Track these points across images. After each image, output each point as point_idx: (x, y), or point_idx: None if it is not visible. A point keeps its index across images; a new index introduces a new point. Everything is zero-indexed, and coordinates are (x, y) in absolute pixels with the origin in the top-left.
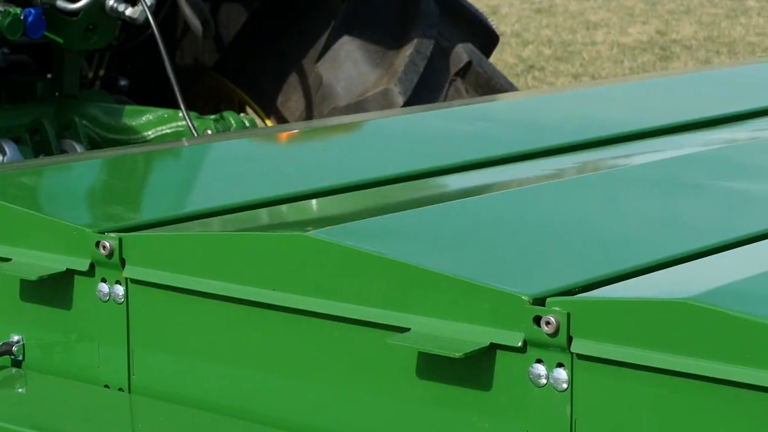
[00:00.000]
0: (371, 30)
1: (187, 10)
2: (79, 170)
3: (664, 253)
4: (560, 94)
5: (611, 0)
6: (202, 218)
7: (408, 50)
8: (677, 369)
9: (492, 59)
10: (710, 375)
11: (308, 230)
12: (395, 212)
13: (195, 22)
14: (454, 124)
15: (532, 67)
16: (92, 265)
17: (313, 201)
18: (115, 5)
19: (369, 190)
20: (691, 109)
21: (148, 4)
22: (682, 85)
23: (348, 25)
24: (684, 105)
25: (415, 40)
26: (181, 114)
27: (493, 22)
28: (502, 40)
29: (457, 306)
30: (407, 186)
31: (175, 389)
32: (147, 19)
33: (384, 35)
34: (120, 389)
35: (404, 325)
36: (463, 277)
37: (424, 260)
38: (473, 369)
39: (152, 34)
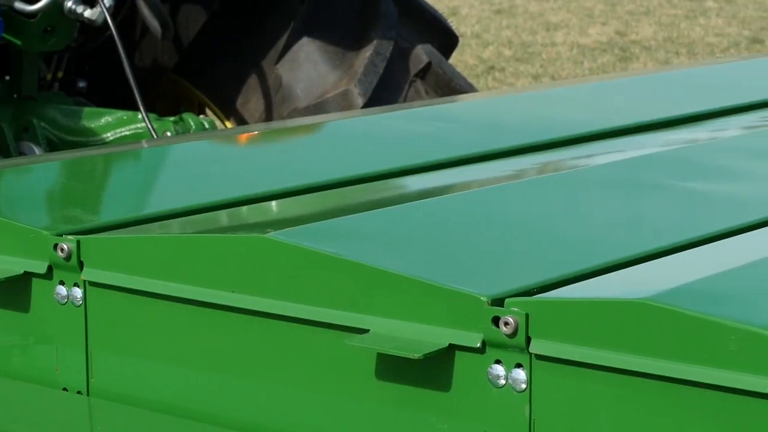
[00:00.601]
0: (331, 31)
1: (146, 12)
2: (38, 172)
3: (624, 253)
4: (520, 94)
5: (571, 1)
6: (161, 220)
7: (367, 51)
8: (635, 369)
9: (452, 60)
10: (668, 375)
11: (267, 232)
12: (354, 213)
13: (154, 24)
14: (414, 125)
15: (492, 68)
16: (50, 268)
17: (273, 202)
18: (74, 7)
19: (329, 191)
20: (651, 110)
21: (107, 5)
22: (641, 85)
23: (307, 27)
24: (643, 105)
25: (375, 42)
26: (140, 116)
27: (453, 23)
28: (462, 41)
29: (415, 307)
30: (367, 187)
31: (134, 392)
32: (106, 20)
33: (343, 36)
34: (78, 392)
35: (363, 327)
36: (421, 278)
37: (383, 261)
38: (432, 370)
39: (111, 35)
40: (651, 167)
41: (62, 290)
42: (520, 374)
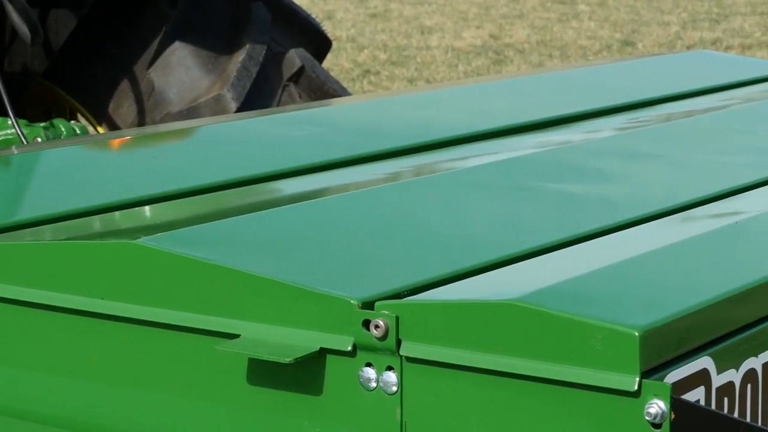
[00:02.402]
0: (203, 36)
1: (14, 16)
2: None
3: (495, 254)
4: (395, 98)
5: (445, 5)
6: (32, 227)
7: (240, 56)
8: (505, 370)
9: (327, 64)
10: (537, 375)
11: (137, 237)
12: (226, 218)
13: (23, 29)
14: (288, 129)
15: (367, 71)
16: None
17: (146, 208)
18: None
19: (201, 196)
20: (525, 112)
21: None
22: (515, 88)
23: (180, 31)
24: (518, 108)
25: (248, 46)
26: (9, 122)
27: (329, 27)
28: (337, 45)
29: (286, 311)
30: (239, 191)
31: (5, 402)
32: None
33: (216, 41)
34: None
35: (234, 332)
36: (292, 282)
37: (253, 266)
38: (304, 374)
39: None
40: (525, 169)
41: None
42: (391, 377)
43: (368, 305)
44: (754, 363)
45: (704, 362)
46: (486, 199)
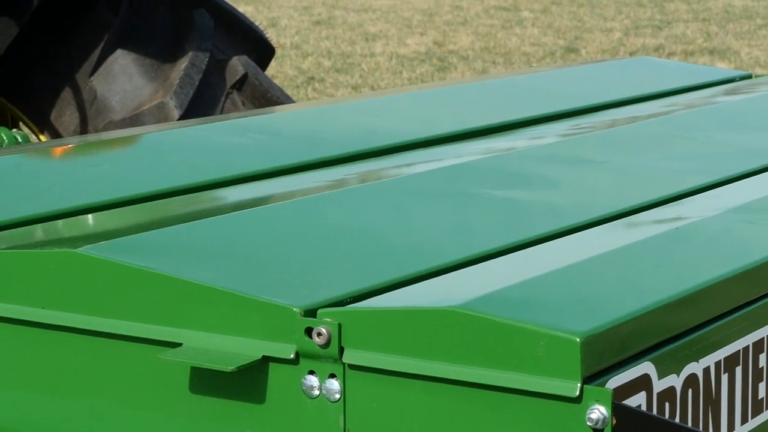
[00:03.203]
0: (145, 43)
1: None
2: None
3: (439, 260)
4: (340, 105)
5: (389, 12)
6: None
7: (183, 63)
8: (448, 376)
9: (272, 71)
10: (479, 381)
11: (79, 246)
12: (169, 226)
13: None
14: (231, 137)
15: (312, 78)
16: None
17: (88, 216)
18: None
19: (143, 204)
20: (470, 119)
21: None
22: (459, 95)
23: (122, 39)
24: (462, 114)
25: (190, 54)
26: None
27: (273, 34)
28: (282, 52)
29: (229, 319)
30: (182, 200)
31: None
32: None
33: (158, 49)
34: None
35: (176, 340)
36: (234, 290)
37: (195, 274)
38: (246, 382)
39: None
40: (469, 175)
41: None
42: (334, 384)
43: (311, 313)
44: (695, 368)
45: (645, 367)
46: (431, 206)
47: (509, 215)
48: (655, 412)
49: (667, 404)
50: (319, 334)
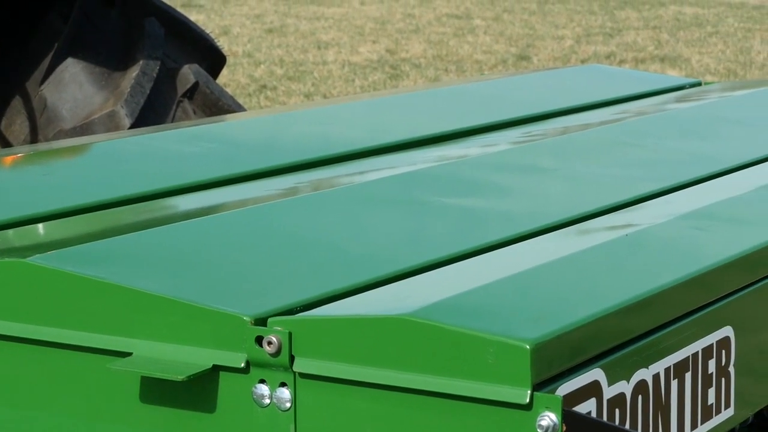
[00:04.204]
0: (96, 52)
1: None
2: None
3: (391, 268)
4: (292, 113)
5: (342, 20)
6: None
7: (134, 72)
8: (398, 384)
9: (224, 80)
10: (430, 389)
11: (27, 256)
12: (118, 235)
13: None
14: (182, 146)
15: (264, 86)
16: None
17: (38, 225)
18: None
19: (93, 213)
20: (422, 126)
21: None
22: (412, 102)
23: (72, 47)
24: (414, 122)
25: (141, 62)
26: None
27: (225, 42)
28: (234, 60)
29: (179, 328)
30: (132, 208)
31: None
32: None
33: (109, 57)
34: None
35: (126, 350)
36: (184, 299)
37: (145, 283)
38: (197, 391)
39: None
40: (422, 183)
41: None
42: (285, 393)
43: (261, 321)
44: (645, 374)
45: (595, 374)
46: (383, 214)
47: (461, 222)
48: (605, 418)
49: (617, 410)
50: (269, 343)
